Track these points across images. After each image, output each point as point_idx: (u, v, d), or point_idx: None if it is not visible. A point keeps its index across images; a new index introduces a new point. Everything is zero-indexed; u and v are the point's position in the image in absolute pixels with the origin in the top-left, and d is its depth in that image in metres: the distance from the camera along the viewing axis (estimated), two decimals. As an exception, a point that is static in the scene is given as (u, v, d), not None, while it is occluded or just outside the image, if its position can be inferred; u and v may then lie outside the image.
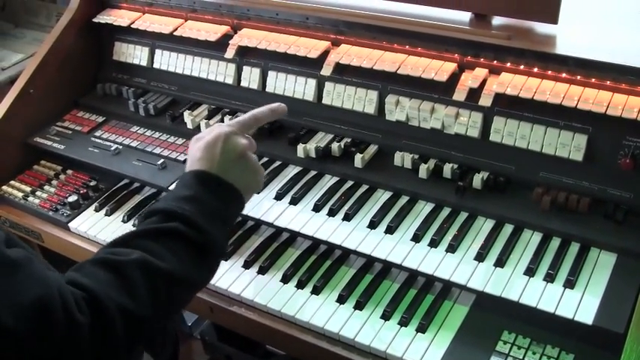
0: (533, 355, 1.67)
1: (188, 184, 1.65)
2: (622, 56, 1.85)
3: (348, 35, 2.23)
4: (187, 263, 1.54)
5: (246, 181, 1.75)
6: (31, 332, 1.26)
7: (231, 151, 1.73)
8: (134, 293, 1.42)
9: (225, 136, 1.74)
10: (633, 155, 1.84)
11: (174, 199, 1.61)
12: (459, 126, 2.05)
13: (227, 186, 1.68)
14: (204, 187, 1.65)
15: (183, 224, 1.55)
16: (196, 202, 1.60)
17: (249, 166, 1.77)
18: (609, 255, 1.82)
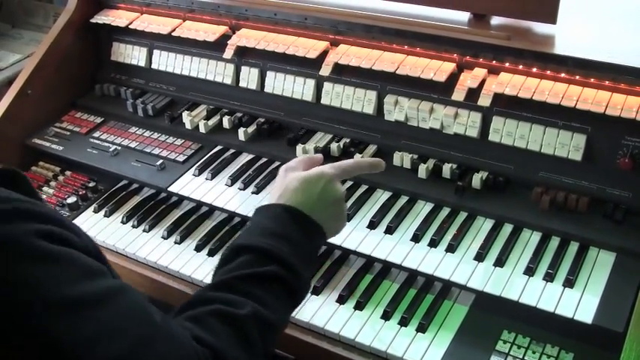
0: (533, 354, 1.68)
1: (281, 220, 1.58)
2: (621, 56, 1.86)
3: (347, 35, 2.24)
4: (288, 309, 1.54)
5: (332, 226, 1.70)
6: None
7: (331, 196, 1.67)
8: (253, 351, 1.39)
9: (330, 178, 1.68)
10: (632, 155, 1.85)
11: (268, 235, 1.53)
12: (458, 126, 2.06)
13: (319, 229, 1.62)
14: (298, 226, 1.58)
15: (282, 268, 1.49)
16: (292, 244, 1.54)
17: (340, 215, 1.72)
18: (608, 254, 1.82)
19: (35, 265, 1.07)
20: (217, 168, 2.29)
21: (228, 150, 2.38)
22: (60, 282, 1.09)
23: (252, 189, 2.17)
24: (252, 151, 2.34)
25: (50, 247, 1.10)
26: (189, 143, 2.44)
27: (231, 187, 2.20)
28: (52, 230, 1.13)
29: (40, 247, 1.08)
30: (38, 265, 1.08)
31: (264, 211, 1.62)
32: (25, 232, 1.08)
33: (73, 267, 1.12)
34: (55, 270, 1.09)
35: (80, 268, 1.14)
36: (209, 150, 2.39)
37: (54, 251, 1.10)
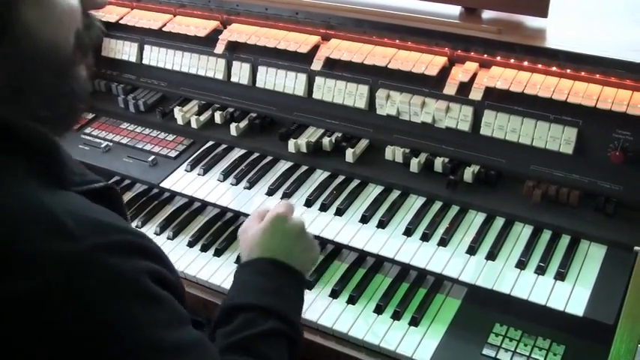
0: (524, 347, 1.68)
1: (267, 274, 1.61)
2: (611, 50, 1.87)
3: (338, 30, 2.24)
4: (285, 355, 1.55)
5: (306, 260, 1.73)
6: None
7: (293, 231, 1.71)
8: None
9: (284, 217, 1.73)
10: (623, 148, 1.86)
11: (260, 292, 1.57)
12: (449, 120, 2.06)
13: (299, 274, 1.66)
14: (283, 277, 1.62)
15: (282, 322, 1.52)
16: (284, 297, 1.58)
17: (308, 245, 1.76)
18: (599, 247, 1.83)
19: (140, 305, 1.09)
20: (209, 163, 2.28)
21: (220, 145, 2.38)
22: (156, 325, 1.10)
23: (245, 184, 2.17)
24: (244, 147, 2.34)
25: (154, 289, 1.11)
26: (181, 139, 2.44)
27: (224, 183, 2.20)
28: (158, 270, 1.15)
29: (148, 288, 1.10)
30: (142, 306, 1.09)
31: (248, 267, 1.66)
32: (141, 270, 1.10)
33: (168, 311, 1.14)
34: (154, 313, 1.11)
35: (172, 314, 1.16)
36: (201, 145, 2.39)
37: (156, 294, 1.12)
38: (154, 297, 1.11)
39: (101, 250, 1.04)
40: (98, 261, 1.04)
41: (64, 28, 1.17)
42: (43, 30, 1.13)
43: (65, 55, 1.19)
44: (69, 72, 1.22)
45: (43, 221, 1.03)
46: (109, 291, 1.04)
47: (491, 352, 1.68)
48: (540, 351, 1.67)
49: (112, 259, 1.05)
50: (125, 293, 1.07)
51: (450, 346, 1.71)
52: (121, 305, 1.06)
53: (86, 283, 1.02)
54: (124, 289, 1.06)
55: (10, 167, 1.08)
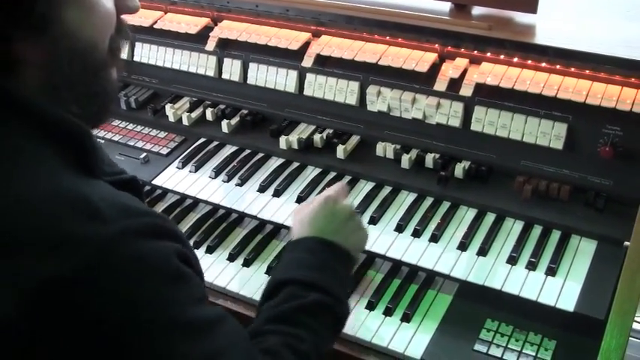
0: (516, 342, 1.69)
1: (314, 251, 1.64)
2: (601, 46, 1.87)
3: (329, 27, 2.24)
4: (333, 336, 1.59)
5: (355, 241, 1.74)
6: None
7: (342, 214, 1.74)
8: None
9: (334, 199, 1.76)
10: (612, 143, 1.86)
11: (305, 268, 1.59)
12: (440, 116, 2.07)
13: (346, 253, 1.67)
14: (330, 255, 1.64)
15: (326, 296, 1.54)
16: (328, 272, 1.60)
17: (357, 226, 1.77)
18: (590, 242, 1.84)
19: (171, 284, 1.12)
20: (201, 160, 2.29)
21: (212, 142, 2.38)
22: (187, 302, 1.14)
23: (236, 181, 2.17)
24: (235, 143, 2.35)
25: (183, 268, 1.15)
26: (173, 136, 2.44)
27: (215, 180, 2.21)
28: (184, 251, 1.18)
29: (178, 268, 1.13)
30: (173, 285, 1.12)
31: (296, 246, 1.68)
32: (170, 250, 1.13)
33: (195, 289, 1.18)
34: (185, 290, 1.14)
35: (199, 291, 1.20)
36: (192, 142, 2.39)
37: (185, 272, 1.15)
38: (183, 275, 1.15)
39: (132, 232, 1.08)
40: (130, 242, 1.07)
41: (101, 30, 1.23)
42: (82, 31, 1.18)
43: (100, 56, 1.24)
44: (102, 72, 1.27)
45: (79, 206, 1.06)
46: (142, 271, 1.08)
47: (483, 348, 1.68)
48: (532, 346, 1.68)
49: (143, 240, 1.09)
50: (157, 273, 1.10)
51: (442, 341, 1.72)
52: (154, 284, 1.09)
53: (120, 263, 1.05)
54: (155, 269, 1.10)
55: (47, 155, 1.12)
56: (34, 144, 1.12)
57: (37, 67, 1.16)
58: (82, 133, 1.19)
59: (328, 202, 1.74)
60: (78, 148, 1.17)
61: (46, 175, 1.10)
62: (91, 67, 1.23)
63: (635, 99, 1.80)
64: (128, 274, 1.06)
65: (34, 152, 1.12)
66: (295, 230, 1.74)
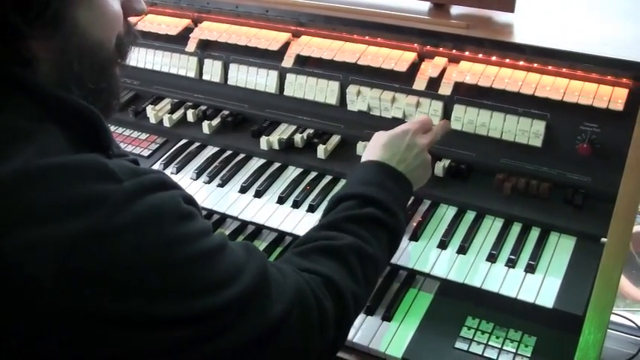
0: (496, 339, 1.71)
1: (374, 172, 1.75)
2: (578, 44, 1.88)
3: (308, 27, 2.24)
4: (385, 247, 1.66)
5: (418, 175, 1.84)
6: (297, 320, 1.35)
7: (414, 148, 1.82)
8: (357, 279, 1.53)
9: (414, 132, 1.85)
10: (590, 140, 1.88)
11: (363, 184, 1.71)
12: (420, 115, 2.07)
13: (404, 178, 1.77)
14: (389, 176, 1.75)
15: (379, 209, 1.65)
16: (385, 190, 1.70)
17: (424, 164, 1.86)
18: (569, 239, 1.86)
19: (184, 223, 1.20)
20: (182, 162, 2.29)
21: (193, 143, 2.38)
22: (200, 236, 1.21)
23: (218, 182, 2.18)
24: (216, 144, 2.35)
25: (190, 208, 1.23)
26: (154, 137, 2.44)
27: (197, 181, 2.21)
28: (187, 195, 1.27)
29: (186, 209, 1.21)
30: (186, 223, 1.20)
31: (358, 168, 1.81)
32: (177, 196, 1.21)
33: (202, 223, 1.25)
34: (195, 227, 1.22)
35: (206, 225, 1.26)
36: (174, 144, 2.39)
37: (192, 211, 1.23)
38: (192, 213, 1.22)
39: (145, 186, 1.15)
40: (144, 195, 1.14)
41: (109, 30, 1.30)
42: (92, 30, 1.25)
43: (107, 54, 1.31)
44: (108, 70, 1.33)
45: (96, 169, 1.13)
46: (160, 216, 1.15)
47: (464, 346, 1.70)
48: (512, 343, 1.69)
49: (155, 192, 1.16)
50: (172, 215, 1.18)
51: (423, 340, 1.73)
52: (171, 225, 1.17)
53: (141, 212, 1.12)
54: (170, 213, 1.17)
55: (62, 135, 1.18)
56: (50, 124, 1.18)
57: (49, 63, 1.22)
58: (94, 116, 1.24)
59: (407, 134, 1.84)
60: (91, 129, 1.24)
61: (64, 149, 1.17)
62: (98, 65, 1.29)
63: (612, 96, 1.82)
64: (149, 221, 1.13)
65: (50, 131, 1.17)
66: (368, 151, 1.84)
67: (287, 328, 1.32)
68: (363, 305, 1.60)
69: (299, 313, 1.35)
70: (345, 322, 1.48)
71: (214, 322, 1.20)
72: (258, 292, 1.28)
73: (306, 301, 1.38)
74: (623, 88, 1.83)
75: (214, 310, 1.19)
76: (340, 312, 1.45)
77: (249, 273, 1.27)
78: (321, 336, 1.41)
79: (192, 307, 1.17)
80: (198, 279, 1.19)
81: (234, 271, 1.25)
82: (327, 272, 1.48)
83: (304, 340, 1.37)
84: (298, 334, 1.35)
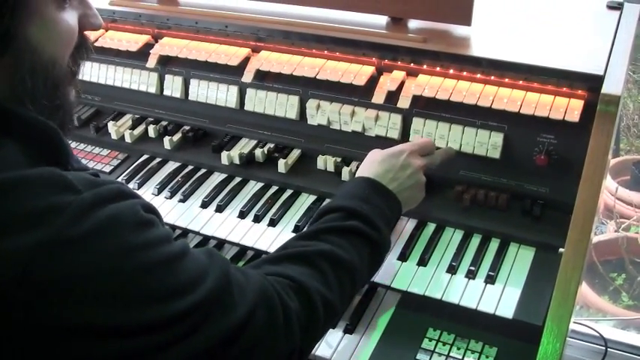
0: (457, 350, 1.71)
1: (361, 187, 1.78)
2: (534, 56, 1.91)
3: (268, 42, 2.25)
4: (365, 259, 1.65)
5: (410, 195, 1.86)
6: (261, 321, 1.35)
7: (408, 169, 1.84)
8: (327, 283, 1.53)
9: (409, 152, 1.87)
10: (547, 151, 1.90)
11: (349, 198, 1.73)
12: (379, 128, 2.09)
13: (393, 196, 1.79)
14: (376, 193, 1.76)
15: (362, 223, 1.66)
16: (371, 205, 1.72)
17: (418, 185, 1.87)
18: (528, 249, 1.87)
19: (144, 230, 1.20)
20: (144, 177, 2.28)
21: (155, 159, 2.37)
22: (160, 243, 1.22)
23: (179, 197, 2.17)
24: (178, 159, 2.35)
25: (150, 216, 1.24)
26: (116, 153, 2.43)
27: (159, 196, 2.21)
28: (146, 203, 1.27)
29: (145, 217, 1.22)
30: (146, 230, 1.21)
31: (348, 182, 1.88)
32: (136, 205, 1.22)
33: (163, 230, 1.26)
34: (155, 233, 1.22)
35: (167, 232, 1.28)
36: (135, 160, 2.38)
37: (152, 219, 1.24)
38: (152, 222, 1.23)
39: (103, 197, 1.16)
40: (103, 205, 1.15)
41: (62, 46, 1.29)
42: (44, 47, 1.24)
43: (61, 71, 1.30)
44: (62, 87, 1.32)
45: (53, 181, 1.14)
46: (118, 224, 1.16)
47: (425, 357, 1.70)
48: (473, 354, 1.70)
49: (113, 202, 1.17)
50: (129, 224, 1.18)
51: (385, 352, 1.73)
52: (129, 233, 1.17)
53: (99, 222, 1.13)
54: (128, 221, 1.18)
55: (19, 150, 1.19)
56: (7, 139, 1.19)
57: (2, 80, 1.22)
58: (51, 131, 1.25)
59: (402, 153, 1.86)
60: (49, 144, 1.25)
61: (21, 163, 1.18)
62: (52, 81, 1.28)
63: (568, 108, 1.84)
64: (108, 230, 1.14)
65: (7, 146, 1.18)
66: (362, 167, 1.88)
67: (251, 329, 1.32)
68: (337, 313, 1.59)
69: (263, 313, 1.35)
70: (312, 326, 1.48)
71: (178, 327, 1.21)
72: (221, 295, 1.28)
73: (270, 301, 1.38)
74: (579, 100, 1.86)
75: (177, 315, 1.20)
76: (307, 314, 1.46)
77: (211, 277, 1.27)
78: (286, 338, 1.40)
79: (156, 314, 1.18)
80: (159, 285, 1.19)
81: (196, 276, 1.25)
82: (293, 275, 1.49)
83: (269, 340, 1.37)
84: (262, 334, 1.35)
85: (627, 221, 3.89)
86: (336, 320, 1.71)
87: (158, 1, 2.46)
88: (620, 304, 3.69)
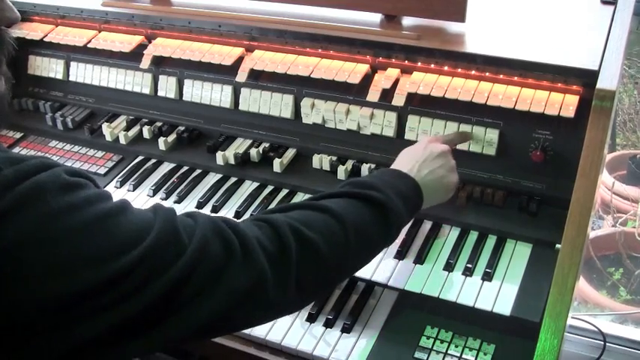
0: (455, 347, 1.71)
1: (378, 172, 1.77)
2: (528, 52, 1.90)
3: (261, 41, 2.24)
4: (366, 215, 1.56)
5: (436, 178, 1.78)
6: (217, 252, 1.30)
7: (433, 153, 1.80)
8: (304, 221, 1.45)
9: (429, 141, 1.86)
10: (543, 147, 1.89)
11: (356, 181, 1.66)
12: (374, 126, 2.08)
13: (405, 175, 1.72)
14: (389, 174, 1.72)
15: (359, 187, 1.60)
16: (377, 177, 1.69)
17: (446, 166, 1.82)
18: (525, 246, 1.87)
19: (70, 193, 1.16)
20: (139, 179, 2.28)
21: (150, 160, 2.37)
22: (91, 202, 1.18)
23: (175, 198, 2.17)
24: (173, 160, 2.34)
25: (75, 179, 1.19)
26: (110, 155, 2.43)
27: (154, 198, 2.20)
28: (73, 169, 1.23)
29: (69, 179, 1.17)
30: (72, 193, 1.16)
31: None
32: (59, 170, 1.17)
33: (94, 190, 1.22)
34: (83, 194, 1.18)
35: (99, 192, 1.23)
36: (130, 161, 2.38)
37: (78, 181, 1.19)
38: (79, 184, 1.19)
39: (23, 171, 1.13)
40: (24, 179, 1.12)
41: None
42: None
43: None
44: None
45: None
46: (39, 194, 1.12)
47: (423, 355, 1.70)
48: (471, 351, 1.70)
49: (34, 175, 1.13)
50: (53, 190, 1.14)
51: (382, 351, 1.73)
52: (54, 198, 1.14)
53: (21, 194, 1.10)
54: (51, 188, 1.14)
55: None
56: None
57: None
58: None
59: (423, 143, 1.85)
60: None
61: None
62: None
63: (563, 103, 1.84)
64: (31, 200, 1.11)
65: None
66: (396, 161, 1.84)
67: (204, 264, 1.26)
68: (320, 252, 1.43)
69: (217, 246, 1.29)
70: (283, 253, 1.38)
71: (126, 282, 1.16)
72: (169, 242, 1.23)
73: (223, 232, 1.32)
74: (574, 95, 1.85)
75: (122, 271, 1.16)
76: (273, 240, 1.39)
77: (156, 228, 1.23)
78: (247, 263, 1.32)
79: (97, 274, 1.14)
80: (96, 244, 1.15)
81: (138, 230, 1.21)
82: (263, 215, 1.46)
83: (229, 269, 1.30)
84: (220, 265, 1.29)
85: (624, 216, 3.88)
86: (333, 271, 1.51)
87: (151, 2, 2.46)
88: (618, 299, 3.69)
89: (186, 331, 1.26)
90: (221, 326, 1.36)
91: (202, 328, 1.29)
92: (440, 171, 1.79)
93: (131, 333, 1.19)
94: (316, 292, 1.58)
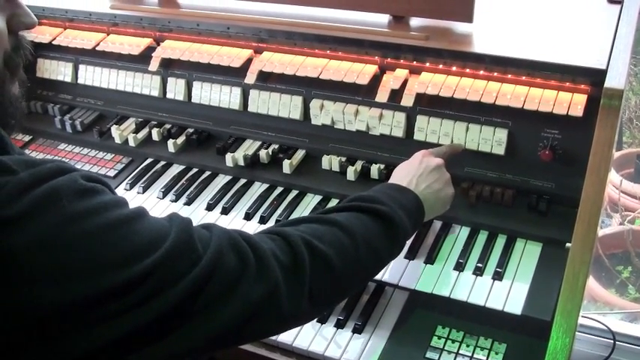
0: (467, 347, 1.71)
1: (378, 187, 1.75)
2: (536, 52, 1.91)
3: (270, 43, 2.25)
4: (374, 228, 1.57)
5: (433, 192, 1.80)
6: (232, 265, 1.30)
7: (427, 167, 1.82)
8: (317, 235, 1.46)
9: (423, 155, 1.87)
10: (552, 146, 1.90)
11: (358, 195, 1.67)
12: (383, 127, 2.09)
13: (404, 189, 1.74)
14: (385, 187, 1.75)
15: (365, 201, 1.61)
16: (380, 191, 1.69)
17: (441, 180, 1.83)
18: (535, 245, 1.88)
19: (85, 199, 1.16)
20: (148, 181, 2.29)
21: (159, 162, 2.38)
22: (107, 208, 1.17)
23: (184, 200, 2.18)
24: (182, 162, 2.35)
25: (91, 184, 1.19)
26: (120, 157, 2.43)
27: (163, 200, 2.21)
28: (88, 174, 1.22)
29: (85, 185, 1.17)
30: (88, 199, 1.16)
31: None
32: (75, 176, 1.17)
33: (110, 197, 1.22)
34: (99, 200, 1.18)
35: (115, 198, 1.23)
36: (139, 163, 2.39)
37: (94, 187, 1.19)
38: (95, 190, 1.19)
39: (40, 176, 1.13)
40: (40, 183, 1.11)
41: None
42: None
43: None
44: None
45: None
46: (55, 199, 1.12)
47: (435, 355, 1.70)
48: (482, 351, 1.70)
49: (51, 179, 1.13)
50: (69, 195, 1.14)
51: (394, 351, 1.73)
52: (70, 203, 1.13)
53: (37, 197, 1.10)
54: (67, 193, 1.13)
55: None
56: None
57: None
58: None
59: (416, 158, 1.87)
60: None
61: None
62: None
63: (571, 102, 1.84)
64: (47, 204, 1.11)
65: None
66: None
67: (218, 275, 1.26)
68: (332, 265, 1.45)
69: (232, 258, 1.29)
70: (297, 265, 1.39)
71: (140, 290, 1.16)
72: (183, 252, 1.23)
73: (238, 244, 1.32)
74: (582, 94, 1.85)
75: (136, 278, 1.15)
76: (287, 252, 1.39)
77: (171, 237, 1.22)
78: (261, 275, 1.32)
79: (111, 280, 1.13)
80: (110, 251, 1.15)
81: (154, 237, 1.21)
82: (275, 228, 1.47)
83: (243, 281, 1.30)
84: (234, 277, 1.29)
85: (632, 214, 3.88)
86: (344, 284, 1.53)
87: (159, 4, 2.47)
88: (627, 297, 3.69)
89: (199, 342, 1.26)
90: (233, 338, 1.36)
91: (215, 338, 1.29)
92: (436, 185, 1.81)
93: (143, 341, 1.19)
94: (328, 304, 1.60)
